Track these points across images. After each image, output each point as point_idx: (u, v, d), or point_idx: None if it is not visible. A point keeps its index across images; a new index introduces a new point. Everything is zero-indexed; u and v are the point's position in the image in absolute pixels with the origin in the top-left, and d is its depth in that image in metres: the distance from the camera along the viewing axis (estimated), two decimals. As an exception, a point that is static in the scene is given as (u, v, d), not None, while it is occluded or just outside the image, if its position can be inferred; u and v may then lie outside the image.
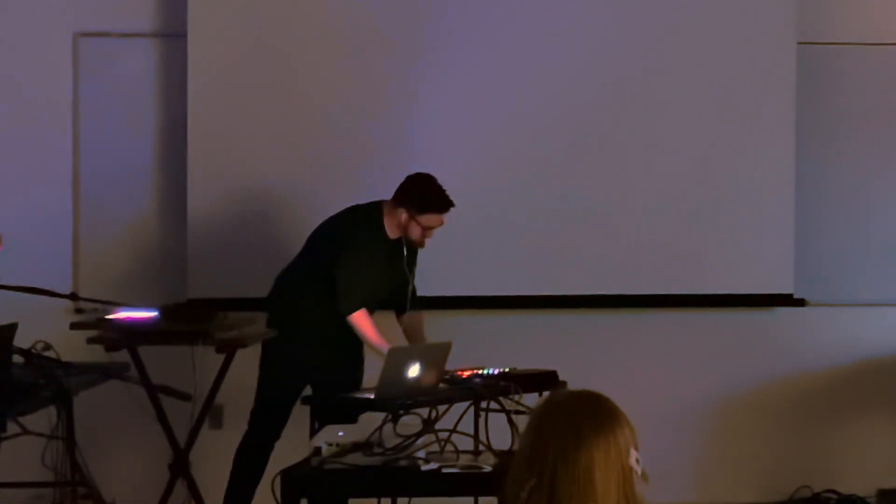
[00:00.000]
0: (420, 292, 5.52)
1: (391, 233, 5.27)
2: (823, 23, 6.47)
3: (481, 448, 4.40)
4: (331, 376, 5.28)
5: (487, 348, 5.66)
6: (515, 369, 5.16)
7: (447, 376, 4.91)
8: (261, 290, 5.62)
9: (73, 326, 5.32)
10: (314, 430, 4.96)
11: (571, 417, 2.16)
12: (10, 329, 4.36)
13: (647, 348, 6.43)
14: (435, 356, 4.74)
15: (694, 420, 6.46)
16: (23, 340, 4.48)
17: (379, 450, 4.09)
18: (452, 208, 5.24)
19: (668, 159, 6.31)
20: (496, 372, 5.07)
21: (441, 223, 5.26)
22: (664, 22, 6.29)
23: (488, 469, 4.08)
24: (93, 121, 6.26)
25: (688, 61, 6.30)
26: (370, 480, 4.07)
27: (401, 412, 4.32)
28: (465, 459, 4.15)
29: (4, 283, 4.97)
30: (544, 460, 2.13)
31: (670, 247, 6.30)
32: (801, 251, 6.39)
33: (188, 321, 5.24)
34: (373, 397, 4.61)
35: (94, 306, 5.44)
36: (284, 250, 5.74)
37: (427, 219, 5.21)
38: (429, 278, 5.51)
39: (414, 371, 4.58)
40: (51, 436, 4.62)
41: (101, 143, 6.27)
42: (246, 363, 5.47)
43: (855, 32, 6.50)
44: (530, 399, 4.66)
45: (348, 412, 4.81)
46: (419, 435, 4.13)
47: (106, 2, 6.28)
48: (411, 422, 4.25)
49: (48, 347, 4.66)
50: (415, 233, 5.22)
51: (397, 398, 4.42)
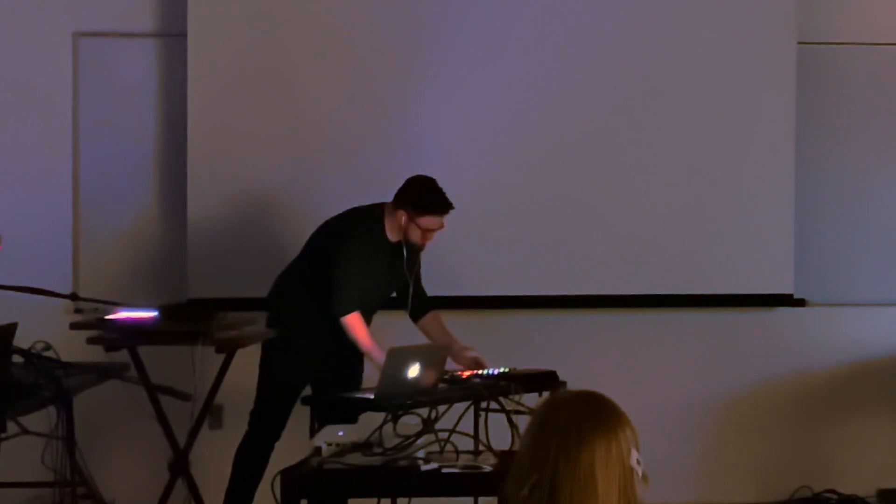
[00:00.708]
0: (420, 292, 5.53)
1: (392, 235, 5.25)
2: (823, 23, 6.47)
3: (481, 448, 4.40)
4: (330, 376, 5.28)
5: (487, 348, 5.65)
6: (515, 369, 5.16)
7: (447, 376, 4.91)
8: (261, 290, 5.61)
9: (73, 326, 5.32)
10: (314, 430, 4.96)
11: (574, 416, 2.16)
12: (10, 329, 4.37)
13: (647, 348, 6.43)
14: (434, 357, 4.75)
15: (694, 420, 6.46)
16: (23, 340, 4.48)
17: (379, 450, 4.09)
18: (453, 210, 5.21)
19: (669, 159, 6.31)
20: (496, 372, 5.08)
21: (440, 226, 5.22)
22: (664, 22, 6.29)
23: (488, 469, 4.08)
24: (93, 121, 6.26)
25: (688, 61, 6.30)
26: (370, 480, 4.07)
27: (400, 412, 4.32)
28: (465, 459, 4.15)
29: (4, 283, 4.98)
30: (546, 458, 2.13)
31: (670, 247, 6.30)
32: (801, 251, 6.39)
33: (188, 321, 5.24)
34: (373, 397, 4.61)
35: (94, 306, 5.44)
36: (284, 250, 5.74)
37: (426, 221, 5.18)
38: (429, 278, 5.51)
39: (414, 371, 4.58)
40: (51, 436, 4.61)
41: (101, 143, 6.27)
42: (246, 363, 5.47)
43: (855, 32, 6.50)
44: (530, 399, 4.67)
45: (348, 412, 4.80)
46: (419, 435, 4.13)
47: (106, 2, 6.28)
48: (411, 422, 4.25)
49: (48, 347, 4.66)
50: (414, 235, 5.20)
51: (397, 398, 4.42)
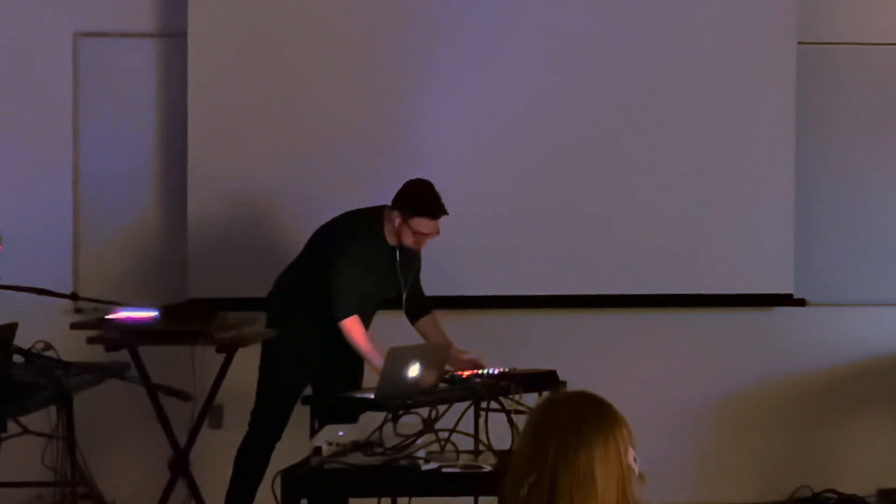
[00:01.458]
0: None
1: (390, 239, 5.23)
2: (823, 23, 6.47)
3: (481, 448, 4.40)
4: (331, 376, 5.28)
5: (487, 348, 5.65)
6: (515, 369, 5.16)
7: (447, 376, 4.91)
8: (261, 290, 5.61)
9: (73, 326, 5.32)
10: (314, 430, 4.96)
11: (571, 416, 2.17)
12: (10, 329, 4.37)
13: (647, 348, 6.43)
14: (435, 356, 4.74)
15: (694, 420, 6.46)
16: (23, 340, 4.48)
17: (379, 450, 4.09)
18: (448, 216, 5.15)
19: (669, 159, 6.31)
20: (496, 372, 5.07)
21: (434, 230, 5.16)
22: (664, 22, 6.29)
23: (488, 469, 4.08)
24: (93, 121, 6.26)
25: (688, 61, 6.30)
26: (370, 480, 4.07)
27: (400, 412, 4.32)
28: (465, 459, 4.15)
29: (4, 283, 4.98)
30: (545, 457, 2.13)
31: (670, 247, 6.30)
32: (801, 251, 6.39)
33: (188, 321, 5.24)
34: (373, 397, 4.61)
35: (94, 306, 5.44)
36: (284, 250, 5.74)
37: (418, 223, 5.12)
38: (430, 279, 5.51)
39: (414, 371, 4.58)
40: (51, 436, 4.62)
41: (101, 143, 6.27)
42: (246, 363, 5.47)
43: (855, 32, 6.50)
44: (530, 399, 4.66)
45: (349, 412, 4.80)
46: (419, 435, 4.13)
47: (106, 2, 6.28)
48: (411, 422, 4.25)
49: (48, 347, 4.66)
50: (407, 238, 5.15)
51: (397, 398, 4.42)
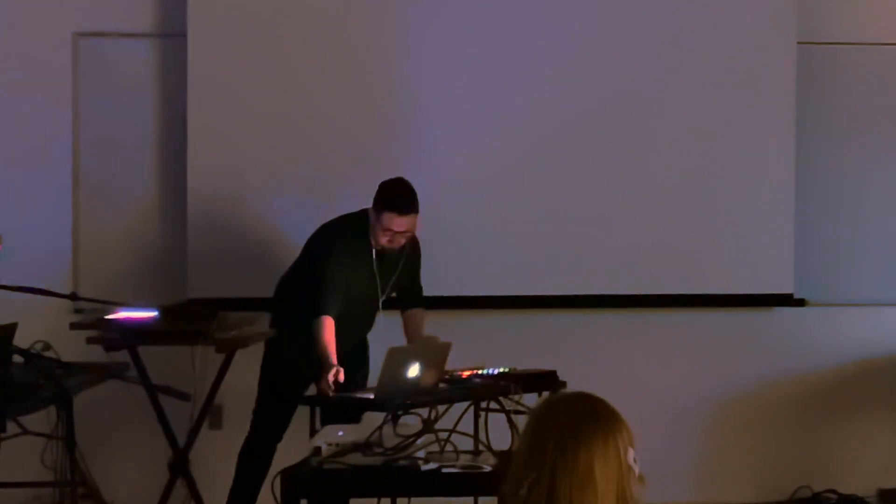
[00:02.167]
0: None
1: (371, 234, 5.15)
2: (823, 23, 6.47)
3: (481, 448, 4.40)
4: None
5: (487, 348, 5.65)
6: (515, 369, 5.16)
7: (447, 376, 4.91)
8: (261, 290, 5.62)
9: (73, 326, 5.32)
10: (314, 430, 4.96)
11: (571, 415, 2.18)
12: (10, 329, 4.37)
13: (647, 348, 6.43)
14: (435, 356, 4.74)
15: (694, 420, 6.46)
16: (23, 340, 4.49)
17: (379, 450, 4.10)
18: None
19: (668, 159, 6.31)
20: (496, 372, 5.07)
21: (405, 227, 5.05)
22: (664, 22, 6.29)
23: (488, 469, 4.08)
24: (93, 121, 6.26)
25: (688, 61, 6.30)
26: (370, 480, 4.07)
27: (400, 412, 4.32)
28: (465, 459, 4.15)
29: (4, 283, 4.98)
30: (544, 457, 2.14)
31: (670, 247, 6.30)
32: (801, 251, 6.39)
33: (188, 321, 5.24)
34: (372, 397, 4.61)
35: (94, 306, 5.44)
36: (284, 251, 5.75)
37: (387, 219, 5.03)
38: (430, 279, 5.50)
39: (413, 371, 4.57)
40: (51, 436, 4.62)
41: (101, 143, 6.27)
42: (246, 363, 5.47)
43: (855, 32, 6.50)
44: (530, 399, 4.66)
45: (350, 412, 4.80)
46: (419, 435, 4.13)
47: (106, 2, 6.28)
48: (411, 422, 4.25)
49: (48, 347, 4.66)
50: (381, 236, 5.08)
51: (396, 398, 4.42)
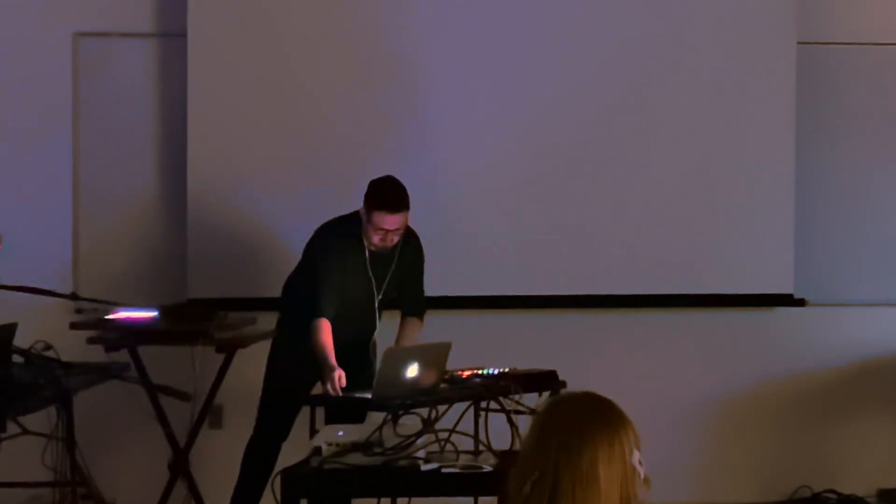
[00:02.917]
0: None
1: (364, 233, 5.12)
2: (823, 23, 6.47)
3: (481, 448, 4.40)
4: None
5: (487, 348, 5.66)
6: (515, 369, 5.16)
7: (447, 376, 4.91)
8: (261, 290, 5.62)
9: (73, 326, 5.32)
10: (314, 430, 4.96)
11: (576, 415, 2.18)
12: (10, 329, 4.37)
13: (647, 348, 6.43)
14: (434, 356, 4.74)
15: (694, 420, 6.46)
16: (23, 340, 4.49)
17: (379, 450, 4.10)
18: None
19: (668, 159, 6.31)
20: (496, 372, 5.07)
21: (395, 225, 5.01)
22: (664, 22, 6.29)
23: (488, 469, 4.08)
24: (93, 121, 6.26)
25: (688, 61, 6.30)
26: (370, 480, 4.07)
27: (400, 412, 4.32)
28: (465, 459, 4.15)
29: (4, 283, 4.98)
30: (548, 455, 2.14)
31: (670, 247, 6.30)
32: (801, 251, 6.39)
33: (188, 321, 5.25)
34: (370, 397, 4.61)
35: (94, 306, 5.45)
36: (284, 251, 5.75)
37: (377, 217, 5.00)
38: (430, 278, 5.50)
39: (412, 371, 4.57)
40: (51, 436, 4.62)
41: (101, 143, 6.27)
42: (246, 363, 5.47)
43: (855, 32, 6.50)
44: (530, 399, 4.67)
45: (354, 412, 4.80)
46: (419, 435, 4.13)
47: (106, 2, 6.28)
48: (411, 422, 4.25)
49: (48, 347, 4.67)
50: (372, 235, 5.05)
51: (395, 398, 4.41)
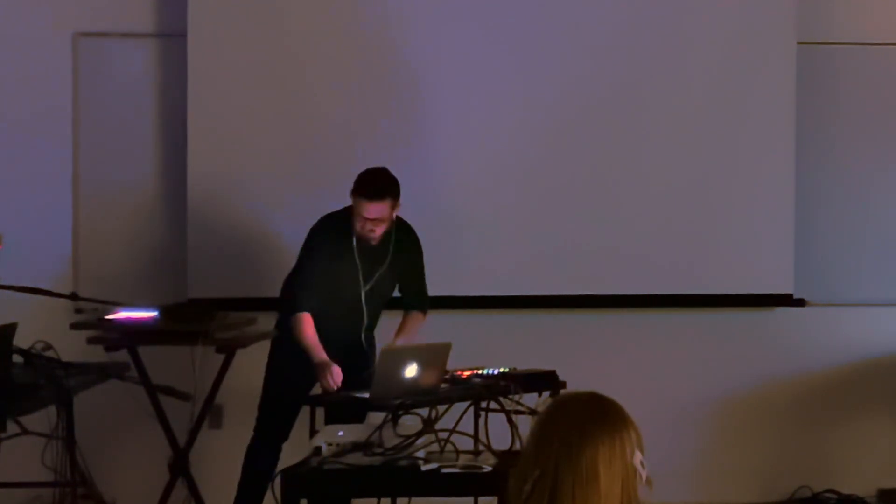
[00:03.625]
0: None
1: (355, 224, 5.15)
2: (823, 23, 6.47)
3: (481, 448, 4.40)
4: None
5: (487, 348, 5.66)
6: (515, 369, 5.16)
7: (447, 376, 4.91)
8: (261, 290, 5.62)
9: (73, 326, 5.32)
10: (314, 430, 4.96)
11: (578, 414, 2.18)
12: (10, 329, 4.37)
13: (647, 348, 6.43)
14: (434, 356, 4.74)
15: (694, 420, 6.46)
16: (23, 340, 4.49)
17: (379, 450, 4.09)
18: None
19: (668, 159, 6.31)
20: (496, 372, 5.07)
21: (377, 214, 5.03)
22: (664, 22, 6.29)
23: (488, 469, 4.08)
24: (93, 121, 6.26)
25: (688, 61, 6.30)
26: (370, 480, 4.07)
27: (400, 412, 4.32)
28: (465, 459, 4.15)
29: (4, 283, 4.98)
30: (548, 454, 2.14)
31: (670, 247, 6.30)
32: (801, 251, 6.39)
33: (188, 321, 5.24)
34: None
35: (94, 306, 5.44)
36: (284, 251, 5.74)
37: (358, 205, 5.03)
38: (431, 278, 5.50)
39: (411, 371, 4.57)
40: (51, 436, 4.62)
41: (101, 143, 6.27)
42: (246, 363, 5.47)
43: (855, 32, 6.50)
44: (530, 399, 4.67)
45: (354, 412, 4.80)
46: (419, 435, 4.13)
47: (106, 2, 6.28)
48: (411, 422, 4.25)
49: (48, 347, 4.66)
50: (356, 224, 5.08)
51: (393, 398, 4.41)
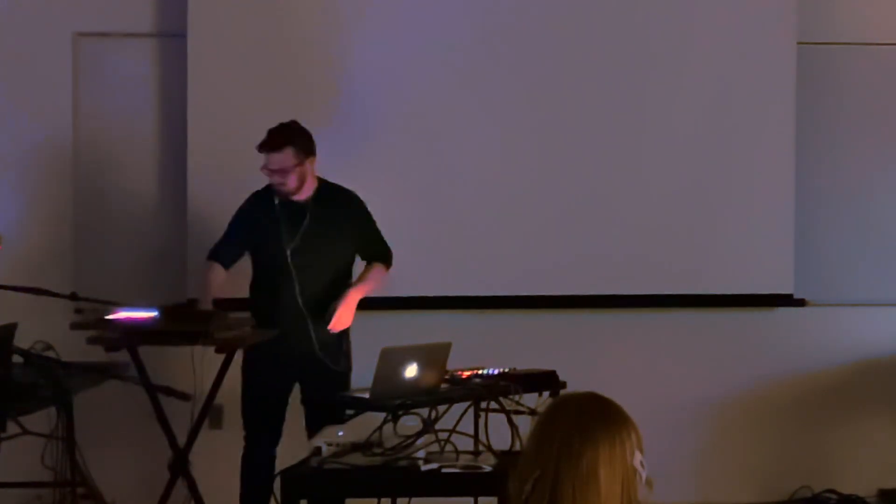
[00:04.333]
0: (421, 292, 5.50)
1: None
2: (823, 23, 6.47)
3: (481, 448, 4.40)
4: (313, 378, 5.27)
5: (487, 348, 5.65)
6: (515, 369, 5.16)
7: (447, 376, 4.91)
8: (261, 290, 5.59)
9: (73, 326, 5.31)
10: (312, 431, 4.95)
11: (578, 414, 2.18)
12: (10, 329, 4.37)
13: (647, 348, 6.43)
14: (434, 356, 4.73)
15: (694, 420, 6.46)
16: (23, 340, 4.48)
17: (379, 450, 4.09)
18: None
19: (668, 160, 6.31)
20: (496, 372, 5.07)
21: (275, 165, 5.18)
22: (664, 22, 6.29)
23: (488, 469, 4.08)
24: (93, 121, 6.26)
25: (688, 61, 6.30)
26: (370, 480, 4.07)
27: (400, 412, 4.32)
28: (465, 459, 4.15)
29: (4, 283, 4.98)
30: (549, 454, 2.15)
31: (670, 247, 6.30)
32: (801, 251, 6.39)
33: (188, 321, 5.24)
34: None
35: (94, 306, 5.44)
36: (284, 250, 5.74)
37: (263, 159, 5.22)
38: (430, 278, 5.51)
39: (411, 371, 4.57)
40: (51, 436, 4.62)
41: (101, 143, 6.27)
42: (246, 363, 5.46)
43: (855, 32, 6.50)
44: (530, 399, 4.66)
45: (336, 412, 4.82)
46: (419, 435, 4.13)
47: (106, 2, 6.28)
48: (411, 422, 4.25)
49: (48, 347, 4.66)
50: (269, 178, 5.25)
51: (393, 398, 4.41)
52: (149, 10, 6.28)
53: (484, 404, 4.82)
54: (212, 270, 5.34)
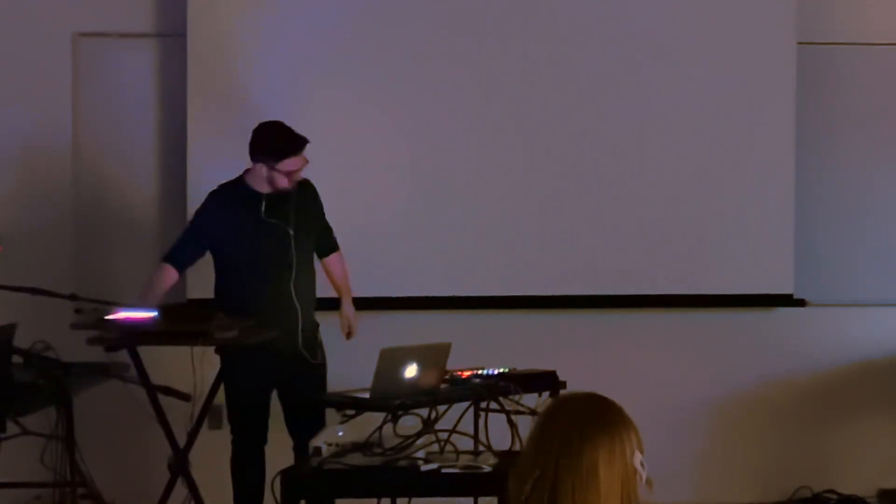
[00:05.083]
0: (421, 292, 5.48)
1: (260, 187, 5.22)
2: (823, 23, 6.47)
3: (481, 448, 4.40)
4: (293, 379, 5.27)
5: (487, 348, 5.65)
6: (515, 369, 5.16)
7: (447, 376, 4.91)
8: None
9: (73, 326, 5.31)
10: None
11: (578, 414, 2.18)
12: (10, 329, 4.37)
13: (647, 348, 6.43)
14: (434, 357, 4.73)
15: (694, 420, 6.46)
16: (23, 340, 4.49)
17: (378, 450, 4.09)
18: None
19: (668, 159, 6.31)
20: (496, 372, 5.07)
21: (305, 162, 5.16)
22: (664, 22, 6.29)
23: (488, 469, 4.08)
24: (93, 121, 6.26)
25: (688, 61, 6.30)
26: (370, 480, 4.07)
27: (399, 412, 4.32)
28: (464, 459, 4.15)
29: (4, 283, 4.98)
30: (548, 454, 2.15)
31: (670, 247, 6.30)
32: (801, 251, 6.39)
33: (188, 321, 5.23)
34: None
35: (94, 306, 5.44)
36: (284, 250, 5.73)
37: (288, 164, 5.14)
38: (430, 278, 5.51)
39: (411, 371, 4.57)
40: (51, 436, 4.62)
41: (101, 143, 6.27)
42: (246, 363, 5.46)
43: (855, 32, 6.50)
44: (530, 399, 4.66)
45: (312, 413, 4.84)
46: (419, 435, 4.13)
47: (106, 2, 6.28)
48: (411, 422, 4.25)
49: (48, 347, 4.66)
50: (282, 182, 5.17)
51: (393, 398, 4.41)
52: (148, 10, 6.28)
53: (484, 404, 4.82)
54: (164, 272, 5.30)
